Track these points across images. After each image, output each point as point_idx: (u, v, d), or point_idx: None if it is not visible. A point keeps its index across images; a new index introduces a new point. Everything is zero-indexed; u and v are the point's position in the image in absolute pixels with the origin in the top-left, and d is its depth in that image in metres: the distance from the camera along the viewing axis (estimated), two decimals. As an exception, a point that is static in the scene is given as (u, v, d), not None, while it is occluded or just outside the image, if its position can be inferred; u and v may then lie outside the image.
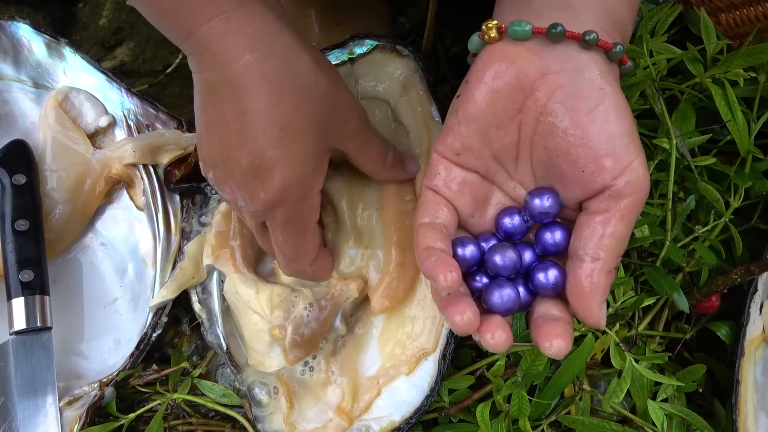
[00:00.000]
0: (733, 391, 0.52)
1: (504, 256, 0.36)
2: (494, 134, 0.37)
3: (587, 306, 0.34)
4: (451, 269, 0.33)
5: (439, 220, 0.37)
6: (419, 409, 0.46)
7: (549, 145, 0.36)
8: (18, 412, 0.45)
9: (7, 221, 0.47)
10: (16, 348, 0.46)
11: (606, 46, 0.35)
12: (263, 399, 0.47)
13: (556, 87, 0.35)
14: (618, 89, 0.36)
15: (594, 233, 0.34)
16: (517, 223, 0.37)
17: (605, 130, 0.34)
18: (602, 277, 0.34)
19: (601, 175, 0.34)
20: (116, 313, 0.52)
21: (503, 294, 0.35)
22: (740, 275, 0.51)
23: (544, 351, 0.33)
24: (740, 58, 0.53)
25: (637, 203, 0.35)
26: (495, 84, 0.36)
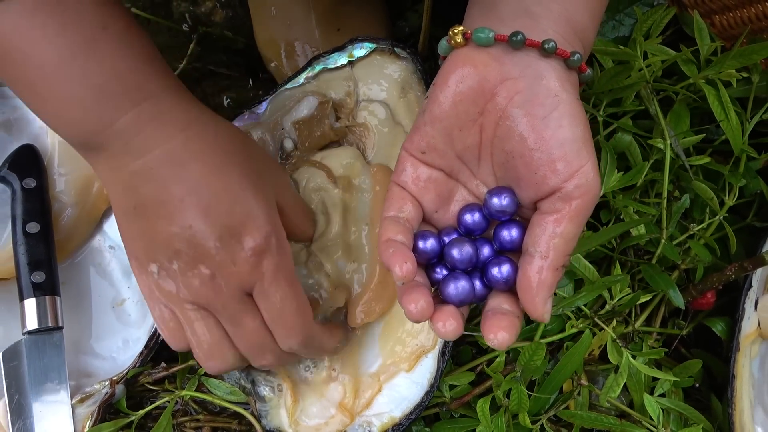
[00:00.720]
0: (729, 385, 0.53)
1: (461, 249, 0.38)
2: (457, 135, 0.38)
3: (533, 300, 0.36)
4: (407, 260, 0.35)
5: (403, 214, 0.39)
6: (419, 405, 0.47)
7: (506, 147, 0.37)
8: (32, 409, 0.46)
9: (18, 224, 0.49)
10: (28, 347, 0.47)
11: (564, 54, 0.37)
12: (267, 395, 0.48)
13: (514, 92, 0.37)
14: (574, 96, 0.37)
15: (544, 232, 0.36)
16: (477, 219, 0.39)
17: (558, 135, 0.36)
18: (549, 274, 0.36)
19: (553, 177, 0.36)
20: (125, 313, 0.53)
21: (458, 285, 0.37)
22: (735, 272, 0.53)
23: (489, 342, 0.35)
24: (733, 58, 0.54)
25: (586, 205, 0.36)
26: (458, 87, 0.37)
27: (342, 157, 0.52)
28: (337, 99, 0.56)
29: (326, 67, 0.56)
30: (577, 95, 0.38)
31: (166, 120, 0.38)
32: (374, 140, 0.55)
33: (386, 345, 0.50)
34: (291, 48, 0.66)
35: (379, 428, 0.47)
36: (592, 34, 0.40)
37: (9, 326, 0.50)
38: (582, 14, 0.39)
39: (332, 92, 0.56)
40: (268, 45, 0.66)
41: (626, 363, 0.48)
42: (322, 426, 0.47)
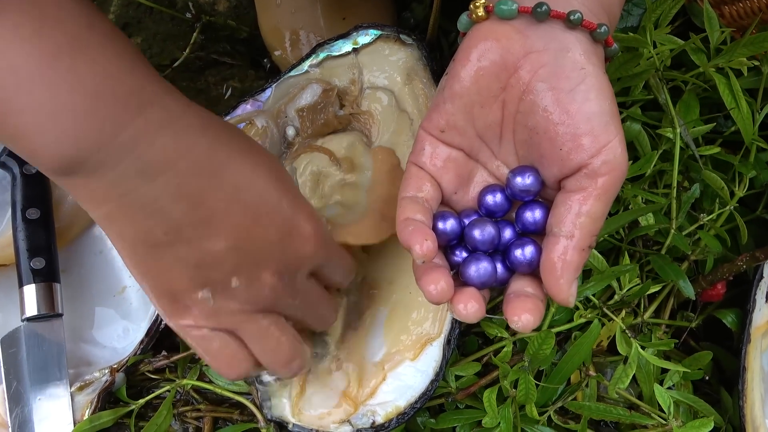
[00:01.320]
0: (740, 378, 0.52)
1: (483, 230, 0.36)
2: (478, 112, 0.37)
3: (557, 282, 0.34)
4: (427, 238, 0.34)
5: (421, 194, 0.37)
6: (424, 394, 0.46)
7: (530, 123, 0.36)
8: (30, 397, 0.45)
9: (18, 210, 0.48)
10: (27, 334, 0.47)
11: (590, 26, 0.35)
12: (270, 382, 0.48)
13: (539, 66, 0.35)
14: (600, 70, 0.36)
15: (569, 211, 0.35)
16: (499, 200, 0.38)
17: (584, 109, 0.34)
18: (575, 255, 0.34)
19: (579, 153, 0.35)
20: (125, 302, 0.52)
21: (480, 267, 0.36)
22: (746, 262, 0.52)
23: (512, 324, 0.34)
24: (743, 47, 0.53)
25: (614, 182, 0.35)
26: (480, 62, 0.36)
27: (343, 140, 0.51)
28: (342, 86, 0.55)
29: (330, 55, 0.55)
30: (603, 69, 0.37)
31: (181, 126, 0.33)
32: (379, 127, 0.54)
33: (390, 334, 0.49)
34: (296, 37, 0.65)
35: (383, 417, 0.46)
36: (618, 8, 0.39)
37: (8, 313, 0.49)
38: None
39: (336, 80, 0.55)
40: (273, 34, 0.66)
41: (635, 354, 0.47)
42: (325, 415, 0.46)
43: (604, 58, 0.37)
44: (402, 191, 0.38)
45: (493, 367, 0.50)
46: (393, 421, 0.46)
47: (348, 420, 0.46)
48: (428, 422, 0.49)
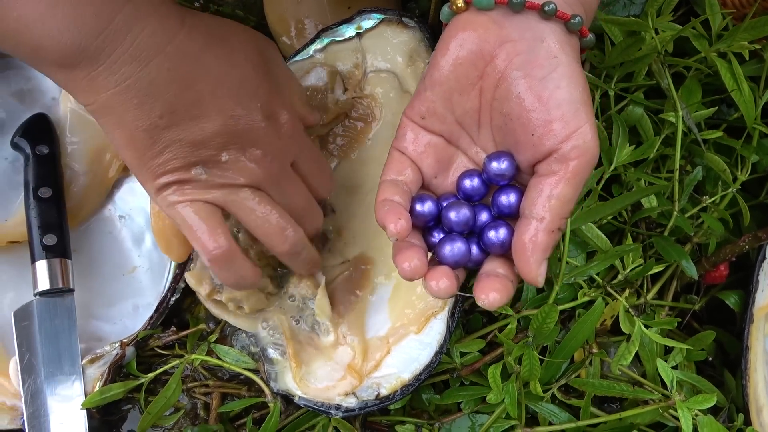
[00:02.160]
0: (743, 357, 0.52)
1: (458, 212, 0.38)
2: (457, 99, 0.39)
3: (527, 262, 0.36)
4: (400, 217, 0.35)
5: (401, 177, 0.39)
6: (428, 366, 0.46)
7: (505, 109, 0.37)
8: (42, 369, 0.46)
9: (30, 189, 0.49)
10: (39, 308, 0.47)
11: (564, 17, 0.37)
12: (276, 359, 0.48)
13: (514, 54, 0.37)
14: (574, 59, 0.37)
15: (541, 194, 0.36)
16: (476, 185, 0.39)
17: (555, 96, 0.36)
18: (544, 236, 0.36)
19: (549, 138, 0.36)
20: (135, 280, 0.53)
21: (454, 247, 0.37)
22: (748, 242, 0.52)
23: (479, 302, 0.35)
24: (744, 31, 0.54)
25: (583, 167, 0.36)
26: (459, 52, 0.37)
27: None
28: (345, 70, 0.56)
29: (334, 40, 0.56)
30: (577, 59, 0.38)
31: (164, 13, 0.35)
32: (381, 110, 0.55)
33: (396, 308, 0.49)
34: (301, 25, 0.66)
35: (388, 389, 0.46)
36: (595, 1, 0.40)
37: (20, 288, 0.50)
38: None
39: (340, 64, 0.56)
40: (279, 22, 0.67)
41: (638, 331, 0.48)
42: (330, 388, 0.47)
43: (579, 48, 0.39)
44: (383, 174, 0.40)
45: (497, 344, 0.51)
46: (398, 393, 0.46)
47: (353, 392, 0.46)
48: (433, 398, 0.50)
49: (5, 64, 0.53)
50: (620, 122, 0.54)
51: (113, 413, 0.50)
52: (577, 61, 0.38)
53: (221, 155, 0.39)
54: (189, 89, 0.37)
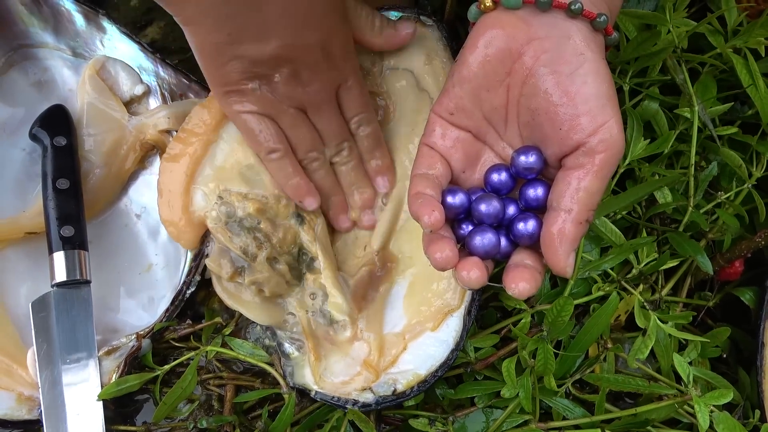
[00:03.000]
0: (758, 353, 0.52)
1: (489, 204, 0.39)
2: (485, 96, 0.40)
3: (555, 253, 0.36)
4: (434, 209, 0.36)
5: (432, 171, 0.40)
6: (445, 363, 0.46)
7: (532, 105, 0.38)
8: (59, 359, 0.47)
9: (48, 180, 0.49)
10: (57, 299, 0.48)
11: (590, 15, 0.37)
12: (292, 353, 0.49)
13: (541, 52, 0.37)
14: (599, 56, 0.38)
15: (569, 187, 0.37)
16: (503, 179, 0.40)
17: (582, 91, 0.37)
18: (572, 228, 0.36)
19: (577, 132, 0.37)
20: (150, 273, 0.53)
21: (484, 238, 0.38)
22: (764, 238, 0.52)
23: (509, 291, 0.36)
24: (760, 27, 0.53)
25: (610, 160, 0.37)
26: (487, 49, 0.39)
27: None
28: (363, 68, 0.56)
29: (353, 37, 0.56)
30: (603, 56, 0.39)
31: None
32: (396, 107, 0.55)
33: (411, 305, 0.49)
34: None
35: (404, 385, 0.46)
36: (619, 0, 0.41)
37: (37, 279, 0.50)
38: None
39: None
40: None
41: (654, 325, 0.48)
42: (347, 383, 0.47)
43: (603, 46, 0.40)
44: (414, 169, 0.41)
45: (511, 340, 0.51)
46: (414, 389, 0.46)
47: (369, 388, 0.46)
48: (447, 393, 0.50)
49: (23, 55, 0.54)
50: (635, 117, 0.54)
51: (128, 405, 0.51)
52: (603, 58, 0.38)
53: (275, 75, 0.44)
54: (258, 11, 0.40)
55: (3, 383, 0.46)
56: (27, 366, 0.47)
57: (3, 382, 0.46)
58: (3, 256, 0.50)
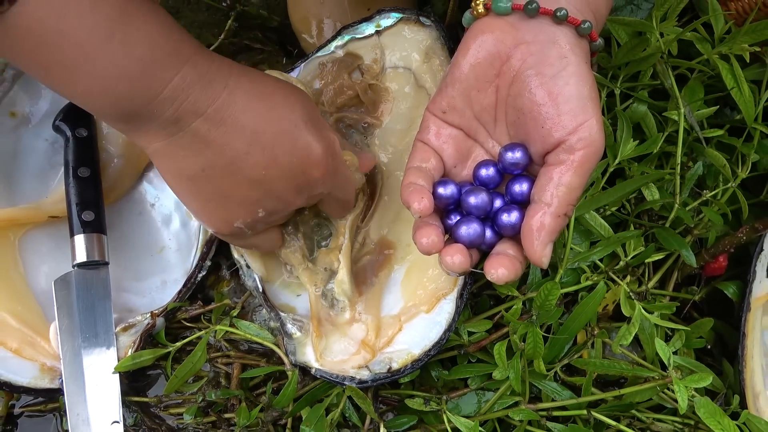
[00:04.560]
0: (740, 344, 0.54)
1: (477, 196, 0.41)
2: (475, 96, 0.42)
3: (532, 244, 0.39)
4: (424, 197, 0.39)
5: (425, 165, 0.43)
6: (438, 343, 0.49)
7: (518, 104, 0.41)
8: (80, 334, 0.50)
9: (70, 168, 0.53)
10: (77, 279, 0.51)
11: (575, 22, 0.40)
12: (295, 333, 0.51)
13: (527, 55, 0.40)
14: (582, 60, 0.41)
15: (549, 182, 0.39)
16: (491, 173, 0.43)
17: (564, 92, 0.39)
18: (551, 220, 0.39)
19: (558, 130, 0.39)
20: (164, 258, 0.57)
21: (470, 227, 0.40)
22: (746, 233, 0.54)
23: (489, 276, 0.39)
24: (745, 34, 0.56)
25: (589, 157, 0.39)
26: (478, 52, 0.41)
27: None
28: (364, 65, 0.59)
29: (354, 37, 0.60)
30: (586, 60, 0.41)
31: (207, 80, 0.39)
32: (398, 103, 0.59)
33: (408, 289, 0.52)
34: (323, 24, 0.69)
35: (399, 363, 0.49)
36: (605, 8, 0.44)
37: (58, 260, 0.53)
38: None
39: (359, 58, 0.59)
40: (302, 22, 0.70)
41: (638, 314, 0.50)
42: (345, 361, 0.50)
43: (588, 51, 0.42)
44: (409, 162, 0.43)
45: (503, 326, 0.53)
46: (408, 367, 0.49)
47: (366, 366, 0.49)
48: (442, 374, 0.52)
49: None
50: (625, 118, 0.57)
51: (140, 380, 0.54)
52: (587, 62, 0.41)
53: (257, 211, 0.44)
54: (226, 148, 0.40)
55: (27, 354, 0.50)
56: (50, 339, 0.50)
57: (27, 353, 0.50)
58: (27, 238, 0.54)
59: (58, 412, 0.53)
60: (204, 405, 0.51)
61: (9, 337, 0.50)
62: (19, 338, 0.50)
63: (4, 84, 0.54)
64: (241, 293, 0.56)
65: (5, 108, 0.54)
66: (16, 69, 0.55)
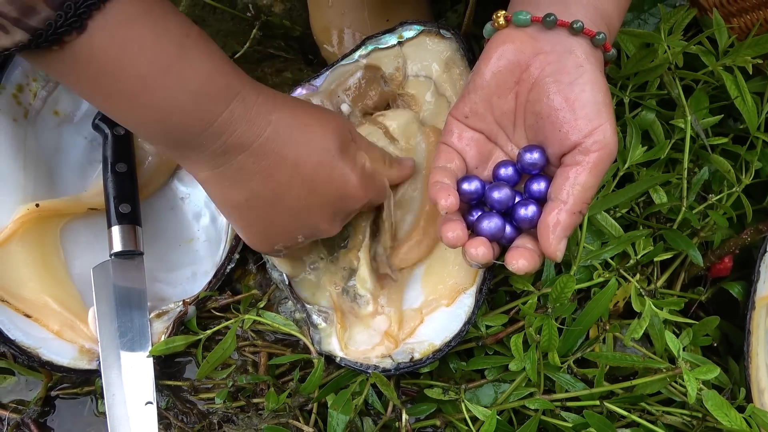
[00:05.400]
0: (745, 341, 0.57)
1: (500, 191, 0.44)
2: (496, 102, 0.45)
3: (548, 238, 0.41)
4: (450, 194, 0.42)
5: (450, 165, 0.46)
6: (458, 335, 0.51)
7: (537, 109, 0.44)
8: (116, 319, 0.52)
9: (109, 164, 0.56)
10: (114, 267, 0.54)
11: (590, 33, 0.43)
12: (320, 324, 0.54)
13: (546, 64, 0.43)
14: (597, 69, 0.44)
15: (565, 181, 0.42)
16: (510, 173, 0.46)
17: (581, 98, 0.42)
18: (566, 217, 0.42)
19: (574, 133, 0.42)
20: (194, 250, 0.59)
21: (491, 221, 0.43)
22: (750, 235, 0.57)
23: (510, 266, 0.42)
24: (748, 47, 0.59)
25: (603, 159, 0.42)
26: (499, 61, 0.44)
27: (399, 117, 0.58)
28: (388, 73, 0.62)
29: (378, 47, 0.63)
30: (601, 69, 0.45)
31: (254, 115, 0.41)
32: (420, 110, 0.61)
33: (428, 285, 0.55)
34: (343, 35, 0.73)
35: (420, 354, 0.51)
36: (617, 21, 0.47)
37: (95, 250, 0.56)
38: (608, 3, 0.45)
39: (383, 67, 0.62)
40: (323, 32, 0.74)
41: (649, 309, 0.53)
42: (369, 350, 0.52)
43: (602, 60, 0.45)
44: (435, 162, 0.46)
45: (519, 320, 0.56)
46: (429, 357, 0.51)
47: (389, 355, 0.52)
48: (460, 365, 0.55)
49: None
50: (634, 125, 0.60)
51: (171, 366, 0.56)
52: (601, 71, 0.44)
53: (297, 237, 0.47)
54: (269, 178, 0.42)
55: (68, 336, 0.52)
56: (88, 323, 0.53)
57: (68, 335, 0.52)
58: (68, 229, 0.57)
59: (93, 395, 0.55)
60: (233, 390, 0.53)
61: (51, 319, 0.52)
62: (60, 321, 0.52)
63: (49, 84, 0.57)
64: (267, 286, 0.58)
65: (50, 107, 0.57)
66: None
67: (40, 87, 0.56)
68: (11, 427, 0.53)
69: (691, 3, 0.67)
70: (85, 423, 0.54)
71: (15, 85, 0.55)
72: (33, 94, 0.56)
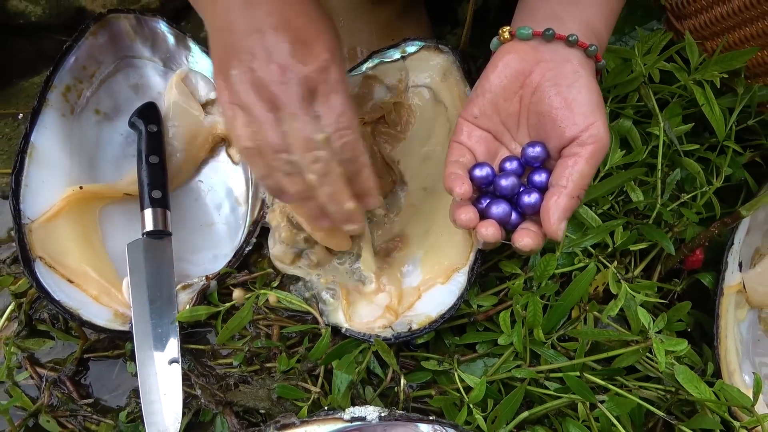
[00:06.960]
0: (714, 323, 0.62)
1: (507, 179, 0.50)
2: (502, 104, 0.51)
3: (549, 219, 0.46)
4: (464, 183, 0.47)
5: (462, 159, 0.51)
6: (452, 308, 0.57)
7: (539, 109, 0.50)
8: (147, 289, 0.58)
9: (143, 156, 0.63)
10: (146, 244, 0.60)
11: (584, 45, 0.50)
12: (328, 299, 0.60)
13: (546, 70, 0.50)
14: (591, 75, 0.50)
15: (565, 169, 0.48)
16: (515, 166, 0.51)
17: (577, 98, 0.49)
18: (566, 200, 0.47)
19: (572, 129, 0.48)
20: (215, 235, 0.66)
21: (499, 207, 0.49)
22: (718, 227, 0.63)
23: (516, 244, 0.46)
24: (715, 63, 0.67)
25: (598, 151, 0.48)
26: (505, 68, 0.51)
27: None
28: (391, 84, 0.70)
29: (383, 60, 0.70)
30: (594, 75, 0.51)
31: None
32: (419, 116, 0.69)
33: (426, 266, 0.61)
34: (353, 52, 0.80)
35: (418, 324, 0.57)
36: (606, 36, 0.54)
37: (129, 230, 0.62)
38: (598, 20, 0.53)
39: (387, 78, 0.70)
40: (335, 49, 0.81)
41: (624, 291, 0.58)
42: (371, 323, 0.58)
43: (594, 69, 0.52)
44: (448, 157, 0.51)
45: (507, 301, 0.61)
46: (426, 327, 0.57)
47: (390, 326, 0.57)
48: (453, 339, 0.60)
49: (127, 64, 0.68)
50: (613, 132, 0.66)
51: (192, 336, 0.62)
52: (594, 77, 0.51)
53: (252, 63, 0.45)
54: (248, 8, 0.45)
55: (104, 301, 0.58)
56: (122, 291, 0.59)
57: (104, 300, 0.58)
58: (105, 211, 0.64)
59: (123, 357, 0.61)
60: (249, 356, 0.58)
61: (90, 286, 0.58)
62: (97, 288, 0.59)
63: (93, 85, 0.65)
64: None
65: (92, 106, 0.65)
66: (103, 73, 0.66)
67: (85, 88, 0.64)
68: (49, 383, 0.58)
69: (668, 27, 0.74)
70: (114, 384, 0.60)
71: (64, 86, 0.63)
72: (78, 94, 0.63)
